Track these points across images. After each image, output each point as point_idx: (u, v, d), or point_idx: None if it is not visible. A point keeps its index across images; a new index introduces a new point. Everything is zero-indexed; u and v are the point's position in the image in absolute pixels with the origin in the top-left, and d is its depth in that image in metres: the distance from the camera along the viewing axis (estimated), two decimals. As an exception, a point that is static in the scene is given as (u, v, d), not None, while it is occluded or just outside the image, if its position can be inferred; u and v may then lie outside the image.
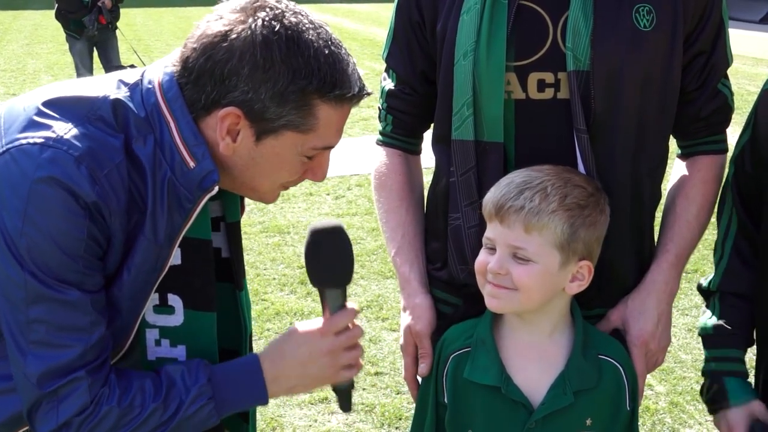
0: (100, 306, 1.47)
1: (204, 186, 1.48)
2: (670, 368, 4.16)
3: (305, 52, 1.41)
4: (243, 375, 1.57)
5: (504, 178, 1.71)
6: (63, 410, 1.45)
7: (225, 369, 1.57)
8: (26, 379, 1.45)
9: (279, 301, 4.92)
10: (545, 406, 1.71)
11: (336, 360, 1.59)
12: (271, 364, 1.58)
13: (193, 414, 1.51)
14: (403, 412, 3.73)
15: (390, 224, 1.95)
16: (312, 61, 1.42)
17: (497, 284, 1.68)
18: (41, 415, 1.46)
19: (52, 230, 1.39)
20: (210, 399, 1.52)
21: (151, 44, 16.82)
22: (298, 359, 1.58)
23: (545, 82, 1.74)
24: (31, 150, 1.39)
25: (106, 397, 1.47)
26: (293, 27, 1.42)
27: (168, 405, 1.49)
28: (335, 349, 1.58)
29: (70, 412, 1.45)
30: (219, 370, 1.56)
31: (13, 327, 1.44)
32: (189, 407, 1.50)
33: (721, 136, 1.89)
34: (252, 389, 1.56)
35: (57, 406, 1.45)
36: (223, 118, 1.44)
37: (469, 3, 1.75)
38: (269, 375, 1.57)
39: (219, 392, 1.53)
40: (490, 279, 1.69)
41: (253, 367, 1.57)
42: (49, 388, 1.44)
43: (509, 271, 1.66)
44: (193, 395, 1.50)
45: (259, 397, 1.57)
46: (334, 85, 1.44)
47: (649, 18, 1.72)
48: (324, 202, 6.80)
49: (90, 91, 1.49)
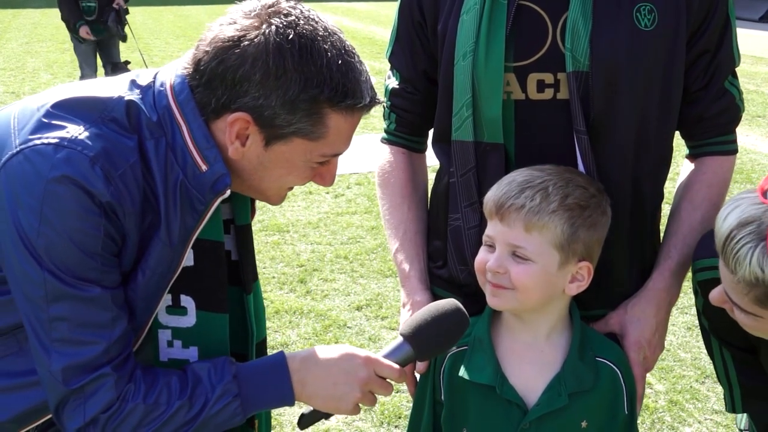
0: (120, 301, 1.47)
1: (216, 189, 1.49)
2: (669, 367, 4.17)
3: (318, 61, 1.41)
4: (269, 374, 1.56)
5: (506, 176, 1.71)
6: (90, 407, 1.46)
7: (251, 367, 1.57)
8: (52, 377, 1.45)
9: (278, 300, 4.92)
10: (539, 407, 1.71)
11: (360, 392, 1.57)
12: (301, 365, 1.57)
13: (219, 412, 1.51)
14: (403, 411, 3.73)
15: (392, 221, 1.96)
16: (324, 70, 1.41)
17: (496, 283, 1.68)
18: (68, 412, 1.47)
19: (68, 229, 1.39)
20: (235, 397, 1.52)
21: (151, 42, 16.81)
22: (332, 372, 1.56)
23: (545, 82, 1.73)
24: (46, 150, 1.40)
25: (132, 393, 1.48)
26: (307, 35, 1.42)
27: (194, 403, 1.50)
28: (368, 382, 1.56)
29: (97, 409, 1.46)
30: (245, 369, 1.56)
31: (35, 325, 1.44)
32: (214, 405, 1.50)
33: (729, 137, 1.87)
34: (278, 388, 1.55)
35: (84, 403, 1.46)
36: (232, 122, 1.45)
37: (469, 3, 1.75)
38: (297, 376, 1.56)
39: (244, 390, 1.53)
40: (489, 278, 1.69)
41: (280, 365, 1.56)
42: (75, 384, 1.45)
43: (507, 269, 1.66)
44: (218, 393, 1.51)
45: (285, 396, 1.56)
46: (345, 94, 1.44)
47: (650, 17, 1.71)
48: (323, 200, 6.80)
49: (103, 92, 1.50)
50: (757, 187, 1.49)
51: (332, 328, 4.58)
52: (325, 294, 5.03)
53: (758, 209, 1.44)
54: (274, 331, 4.52)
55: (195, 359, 1.61)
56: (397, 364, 1.58)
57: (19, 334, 1.52)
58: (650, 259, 1.87)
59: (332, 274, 5.31)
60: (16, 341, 1.53)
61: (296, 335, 4.51)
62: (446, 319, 1.58)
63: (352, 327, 4.61)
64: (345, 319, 4.69)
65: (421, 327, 1.58)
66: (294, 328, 4.60)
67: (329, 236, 6.00)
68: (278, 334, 4.51)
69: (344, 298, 4.97)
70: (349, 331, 4.55)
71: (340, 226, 6.19)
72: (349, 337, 4.47)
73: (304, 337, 4.48)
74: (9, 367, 1.54)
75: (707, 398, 3.89)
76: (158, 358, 1.61)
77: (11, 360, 1.54)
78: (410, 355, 1.59)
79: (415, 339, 1.58)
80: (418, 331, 1.58)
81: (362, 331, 4.55)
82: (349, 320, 4.68)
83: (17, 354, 1.53)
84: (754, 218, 1.43)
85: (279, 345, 4.39)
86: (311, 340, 4.45)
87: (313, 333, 4.53)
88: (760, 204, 1.45)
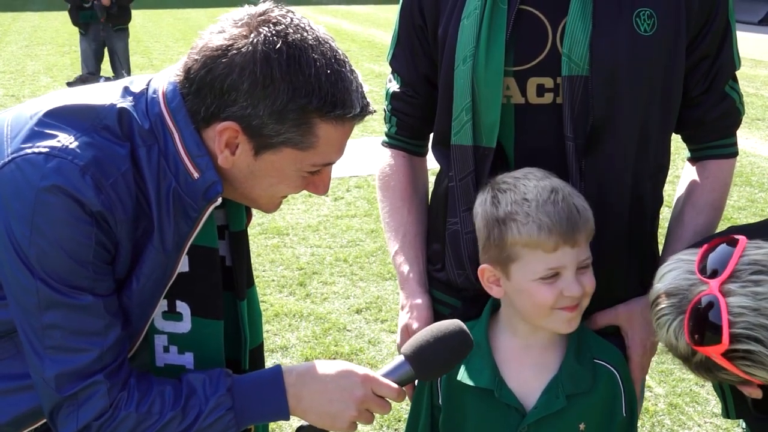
0: (113, 309, 1.47)
1: (208, 196, 1.49)
2: (669, 370, 4.17)
3: (306, 71, 1.40)
4: (264, 387, 1.55)
5: (519, 204, 1.64)
6: (83, 414, 1.46)
7: (247, 380, 1.56)
8: (45, 384, 1.46)
9: (278, 303, 4.92)
10: (537, 410, 1.71)
11: (356, 411, 1.54)
12: (297, 379, 1.55)
13: (212, 424, 1.50)
14: (402, 414, 3.72)
15: (392, 224, 1.96)
16: (313, 80, 1.40)
17: (575, 306, 1.66)
18: (62, 419, 1.47)
19: (59, 238, 1.39)
20: (229, 410, 1.51)
21: (150, 45, 16.82)
22: (329, 388, 1.54)
23: (545, 86, 1.74)
24: (37, 159, 1.40)
25: (125, 401, 1.48)
26: (296, 44, 1.41)
27: (187, 414, 1.49)
28: (365, 400, 1.54)
29: (90, 416, 1.46)
30: (240, 381, 1.55)
31: (28, 332, 1.45)
32: (207, 417, 1.50)
33: (730, 140, 1.88)
34: (273, 402, 1.54)
35: (77, 410, 1.46)
36: (221, 131, 1.44)
37: (470, 8, 1.75)
38: (292, 390, 1.54)
39: (239, 403, 1.52)
40: (568, 303, 1.65)
41: (276, 379, 1.55)
42: (68, 391, 1.45)
43: (584, 285, 1.65)
44: (211, 405, 1.50)
45: (280, 410, 1.55)
46: (335, 104, 1.43)
47: (650, 22, 1.71)
48: (323, 203, 6.80)
49: (95, 99, 1.49)
50: (701, 248, 1.55)
51: (332, 331, 4.58)
52: (324, 297, 5.03)
53: (688, 281, 1.51)
54: (273, 335, 4.52)
55: (190, 365, 1.60)
56: (396, 383, 1.55)
57: (16, 337, 1.51)
58: (649, 263, 1.86)
59: (332, 277, 5.31)
60: (13, 344, 1.53)
61: (296, 338, 4.51)
62: (449, 340, 1.55)
63: (351, 330, 4.61)
64: (344, 322, 4.69)
65: (422, 347, 1.55)
66: (293, 331, 4.60)
67: (329, 239, 6.00)
68: (278, 338, 4.51)
69: (344, 301, 4.97)
70: (348, 335, 4.55)
71: (340, 229, 6.19)
72: (349, 341, 4.47)
73: (303, 341, 4.48)
74: (7, 370, 1.54)
75: (707, 401, 3.89)
76: (154, 363, 1.61)
77: (9, 363, 1.54)
78: (410, 375, 1.56)
79: (416, 359, 1.55)
80: (419, 351, 1.55)
81: (362, 334, 4.55)
82: (348, 323, 4.68)
83: (14, 357, 1.53)
84: (680, 290, 1.51)
85: (278, 348, 4.39)
86: (311, 343, 4.45)
87: (312, 336, 4.53)
88: (692, 276, 1.51)
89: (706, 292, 1.48)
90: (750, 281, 1.46)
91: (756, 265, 1.47)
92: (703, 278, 1.50)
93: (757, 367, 1.46)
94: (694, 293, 1.50)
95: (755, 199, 6.91)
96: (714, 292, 1.47)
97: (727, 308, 1.45)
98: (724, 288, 1.47)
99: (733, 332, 1.44)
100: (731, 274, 1.47)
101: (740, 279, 1.47)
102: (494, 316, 1.82)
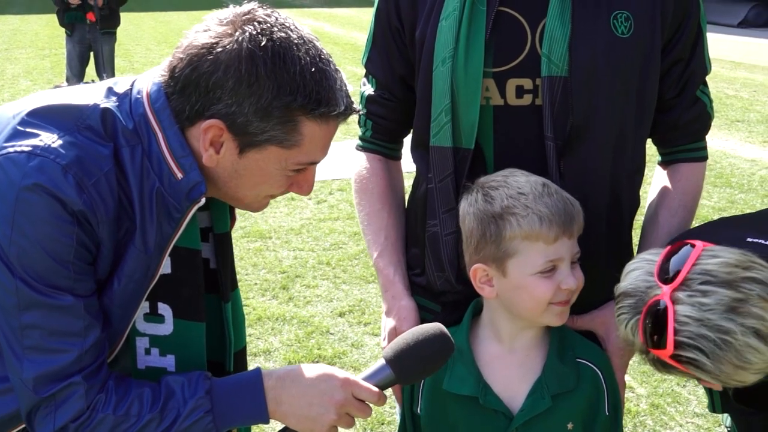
0: (93, 310, 1.47)
1: (192, 197, 1.48)
2: (650, 370, 4.17)
3: (291, 69, 1.41)
4: (244, 390, 1.54)
5: (515, 198, 1.65)
6: (60, 415, 1.46)
7: (226, 383, 1.55)
8: (23, 384, 1.45)
9: (261, 307, 4.91)
10: (524, 413, 1.71)
11: (336, 414, 1.53)
12: (277, 383, 1.55)
13: (190, 427, 1.49)
14: (386, 417, 3.72)
15: (372, 227, 1.95)
16: (297, 78, 1.41)
17: (568, 300, 1.68)
18: (39, 420, 1.47)
19: (40, 237, 1.39)
20: (207, 412, 1.50)
21: (131, 49, 16.73)
22: (308, 392, 1.53)
23: (524, 88, 1.74)
24: (19, 158, 1.39)
25: (102, 403, 1.47)
26: (281, 42, 1.41)
27: (165, 416, 1.49)
28: (345, 404, 1.53)
29: (67, 418, 1.46)
30: (219, 384, 1.54)
31: (7, 333, 1.44)
32: (186, 420, 1.49)
33: (700, 143, 1.90)
34: (252, 405, 1.53)
35: (54, 411, 1.46)
36: (206, 129, 1.44)
37: (448, 9, 1.75)
38: (272, 394, 1.54)
39: (218, 406, 1.52)
40: (564, 297, 1.67)
41: (254, 383, 1.54)
42: (46, 393, 1.44)
43: (577, 278, 1.68)
44: (190, 407, 1.49)
45: (259, 413, 1.54)
46: (319, 102, 1.43)
47: (626, 25, 1.73)
48: (306, 206, 6.79)
49: (79, 99, 1.49)
50: (665, 249, 1.59)
51: (315, 334, 4.58)
52: (307, 300, 5.03)
53: (646, 283, 1.56)
54: (256, 338, 4.51)
55: (172, 367, 1.60)
56: (377, 387, 1.55)
57: None
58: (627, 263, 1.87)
59: (315, 281, 5.31)
60: None
61: (278, 342, 4.50)
62: (430, 344, 1.55)
63: (334, 333, 4.60)
64: (328, 325, 4.69)
65: (403, 351, 1.55)
66: (276, 334, 4.59)
67: (312, 242, 5.99)
68: (260, 341, 4.49)
69: (327, 305, 4.96)
70: (331, 338, 4.55)
71: (323, 233, 6.19)
72: (332, 344, 4.47)
73: (286, 344, 4.47)
74: None
75: (688, 401, 3.91)
76: (136, 365, 1.60)
77: None
78: (391, 378, 1.56)
79: (398, 363, 1.55)
80: (400, 355, 1.55)
81: (345, 337, 4.55)
82: (331, 326, 4.67)
83: None
84: (638, 291, 1.56)
85: (261, 352, 4.38)
86: (293, 346, 4.44)
87: (295, 339, 4.52)
88: (651, 278, 1.56)
89: (658, 297, 1.52)
90: (698, 291, 1.49)
91: (706, 275, 1.50)
92: (660, 282, 1.54)
93: (701, 372, 1.50)
94: (650, 296, 1.54)
95: (735, 200, 6.96)
96: (665, 299, 1.51)
97: (674, 316, 1.49)
98: (674, 295, 1.51)
99: (678, 339, 1.49)
100: (682, 282, 1.51)
101: (690, 288, 1.50)
102: (475, 320, 1.81)
